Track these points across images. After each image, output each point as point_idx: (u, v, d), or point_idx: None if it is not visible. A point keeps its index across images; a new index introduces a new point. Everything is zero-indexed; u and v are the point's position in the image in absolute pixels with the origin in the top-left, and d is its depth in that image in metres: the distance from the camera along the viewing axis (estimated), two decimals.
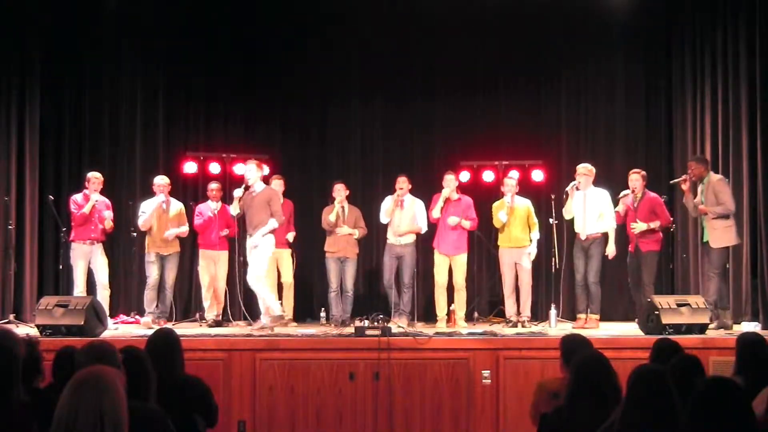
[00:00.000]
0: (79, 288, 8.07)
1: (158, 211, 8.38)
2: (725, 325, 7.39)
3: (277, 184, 8.52)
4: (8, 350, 3.19)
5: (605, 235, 8.09)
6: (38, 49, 9.05)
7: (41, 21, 9.07)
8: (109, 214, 8.30)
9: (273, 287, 8.42)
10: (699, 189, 7.63)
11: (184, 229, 8.54)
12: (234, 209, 7.90)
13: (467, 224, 8.33)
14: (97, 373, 2.53)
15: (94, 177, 8.27)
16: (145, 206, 8.46)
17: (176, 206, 8.56)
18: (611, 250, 8.07)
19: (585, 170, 8.13)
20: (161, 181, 8.47)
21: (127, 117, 9.70)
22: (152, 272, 8.36)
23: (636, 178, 7.98)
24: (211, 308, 8.43)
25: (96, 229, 8.19)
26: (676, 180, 8.02)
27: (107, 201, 8.46)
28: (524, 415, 4.61)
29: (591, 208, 8.04)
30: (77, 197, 8.27)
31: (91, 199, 8.15)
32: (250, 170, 7.72)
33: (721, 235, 7.46)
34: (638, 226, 7.85)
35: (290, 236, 8.55)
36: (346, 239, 8.48)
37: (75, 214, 8.14)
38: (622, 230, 8.18)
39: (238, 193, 7.82)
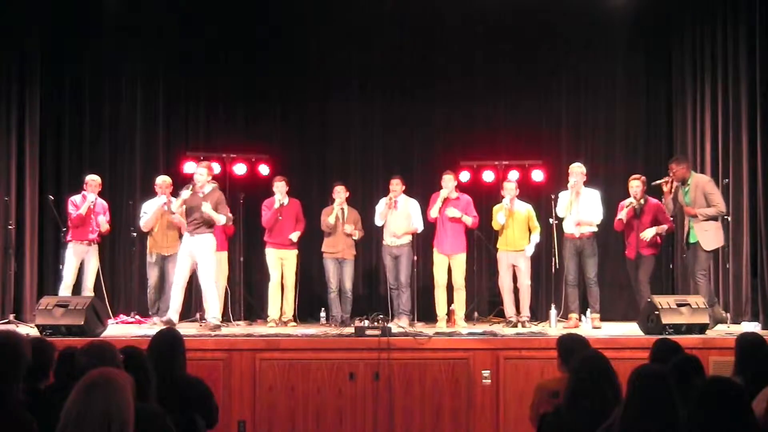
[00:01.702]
0: (66, 282, 8.06)
1: (160, 212, 8.37)
2: (721, 318, 7.39)
3: (280, 186, 8.52)
4: (11, 352, 3.19)
5: (595, 234, 8.10)
6: (38, 49, 9.05)
7: (41, 21, 9.07)
8: (103, 219, 8.28)
9: (276, 287, 8.43)
10: (682, 190, 7.56)
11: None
12: (175, 206, 7.93)
13: (468, 220, 8.31)
14: (107, 376, 2.54)
15: (92, 180, 8.29)
16: (146, 207, 8.46)
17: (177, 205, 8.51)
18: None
19: (580, 170, 8.13)
20: (163, 181, 8.46)
21: (127, 117, 9.70)
22: (153, 274, 8.36)
23: (637, 185, 7.93)
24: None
25: (93, 230, 8.22)
26: (657, 182, 7.84)
27: (104, 203, 8.46)
28: (524, 415, 4.61)
29: (583, 208, 8.05)
30: (76, 198, 8.28)
31: (87, 199, 8.16)
32: (201, 173, 7.82)
33: (712, 237, 7.43)
34: (648, 233, 7.81)
35: (294, 236, 8.52)
36: (344, 240, 8.48)
37: (71, 214, 8.16)
38: (611, 233, 8.19)
39: (185, 194, 7.82)
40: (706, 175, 8.01)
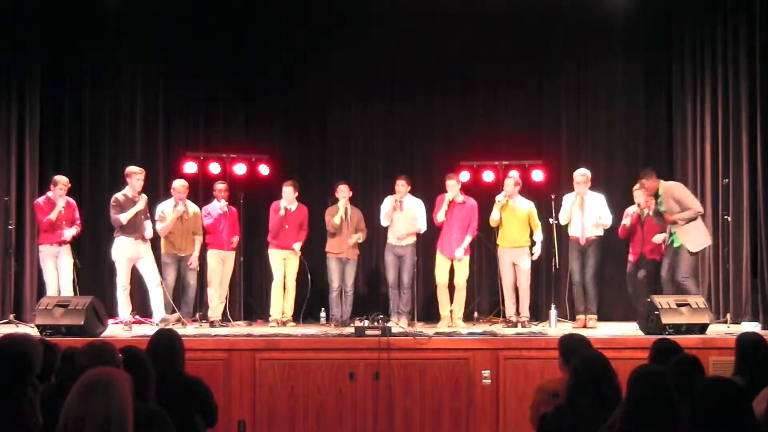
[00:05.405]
0: (52, 290, 7.96)
1: (177, 219, 8.23)
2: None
3: (287, 191, 8.48)
4: (25, 356, 3.20)
5: (601, 238, 8.11)
6: (38, 49, 9.04)
7: (41, 21, 9.07)
8: (69, 232, 8.07)
9: (279, 286, 8.44)
10: (656, 201, 7.61)
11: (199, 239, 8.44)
12: (126, 216, 7.97)
13: (472, 233, 8.38)
14: (106, 376, 2.53)
15: (62, 182, 8.09)
16: (163, 207, 8.25)
17: (192, 208, 8.41)
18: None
19: (583, 179, 8.11)
20: (181, 185, 8.27)
21: (127, 117, 9.69)
22: (169, 275, 8.24)
23: (641, 194, 7.96)
24: (216, 308, 8.41)
25: (63, 232, 8.05)
26: (652, 210, 7.75)
27: (73, 202, 8.27)
28: (524, 415, 4.62)
29: (589, 213, 8.05)
30: (41, 200, 8.11)
31: (57, 205, 7.98)
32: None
33: (696, 237, 7.49)
34: (658, 238, 7.93)
35: (296, 246, 8.50)
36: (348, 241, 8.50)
37: (41, 220, 7.99)
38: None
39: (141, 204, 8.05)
40: (675, 181, 8.05)
